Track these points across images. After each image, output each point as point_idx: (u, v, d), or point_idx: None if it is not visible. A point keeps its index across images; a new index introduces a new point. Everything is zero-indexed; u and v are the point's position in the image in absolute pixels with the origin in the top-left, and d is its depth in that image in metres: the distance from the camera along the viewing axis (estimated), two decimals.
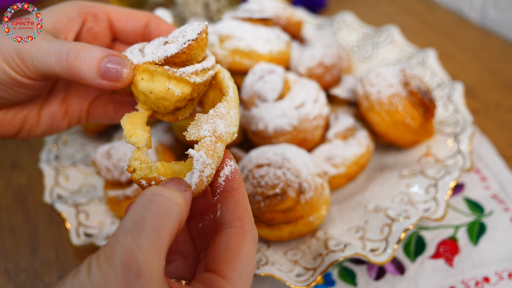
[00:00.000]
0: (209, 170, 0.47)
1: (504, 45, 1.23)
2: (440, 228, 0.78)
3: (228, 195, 0.47)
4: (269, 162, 0.72)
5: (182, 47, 0.51)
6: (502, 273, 0.72)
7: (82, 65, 0.52)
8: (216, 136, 0.49)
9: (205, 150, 0.47)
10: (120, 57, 0.53)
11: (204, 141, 0.48)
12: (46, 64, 0.54)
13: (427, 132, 0.86)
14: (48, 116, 0.65)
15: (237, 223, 0.45)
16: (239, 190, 0.48)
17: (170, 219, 0.39)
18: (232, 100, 0.52)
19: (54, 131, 0.66)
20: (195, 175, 0.47)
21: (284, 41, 0.87)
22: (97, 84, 0.54)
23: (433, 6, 1.46)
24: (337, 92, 0.95)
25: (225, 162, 0.50)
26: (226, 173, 0.49)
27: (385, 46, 1.12)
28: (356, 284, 0.73)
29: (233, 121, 0.51)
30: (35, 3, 1.59)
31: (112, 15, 0.62)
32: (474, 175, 0.87)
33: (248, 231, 0.45)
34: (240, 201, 0.47)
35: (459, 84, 0.96)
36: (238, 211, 0.46)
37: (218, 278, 0.41)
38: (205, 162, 0.47)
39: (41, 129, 0.65)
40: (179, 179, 0.45)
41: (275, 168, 0.71)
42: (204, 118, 0.49)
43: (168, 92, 0.53)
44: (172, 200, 0.40)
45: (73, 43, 0.54)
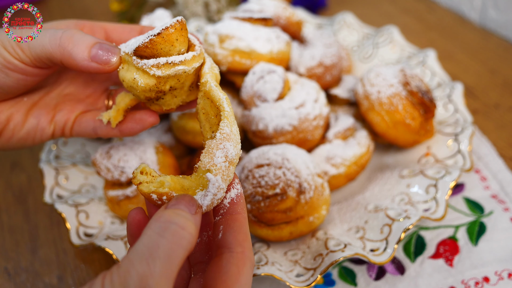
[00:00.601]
0: (221, 193, 0.49)
1: (504, 45, 1.23)
2: (440, 228, 0.78)
3: (231, 218, 0.49)
4: (269, 162, 0.72)
5: (144, 41, 0.54)
6: (502, 273, 0.72)
7: (75, 46, 0.55)
8: (228, 160, 0.51)
9: (221, 175, 0.49)
10: (110, 45, 0.57)
11: (220, 166, 0.50)
12: (40, 44, 0.56)
13: (427, 132, 0.86)
14: (34, 118, 0.66)
15: (238, 249, 0.46)
16: (242, 215, 0.50)
17: (182, 248, 0.40)
18: (230, 115, 0.53)
19: (38, 137, 0.67)
20: (208, 197, 0.49)
21: (284, 41, 0.87)
22: (86, 66, 0.56)
23: (433, 6, 1.46)
24: (337, 92, 0.95)
25: (233, 185, 0.52)
26: (232, 195, 0.51)
27: (385, 46, 1.12)
28: (356, 284, 0.73)
29: (237, 138, 0.53)
30: (35, 3, 1.59)
31: (108, 27, 0.66)
32: (474, 175, 0.87)
33: (248, 257, 0.46)
34: (243, 227, 0.48)
35: (459, 84, 0.96)
36: (240, 237, 0.47)
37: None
38: (220, 186, 0.49)
39: (24, 130, 0.66)
40: (191, 199, 0.46)
41: (275, 168, 0.71)
42: (214, 145, 0.51)
43: (134, 82, 0.56)
44: (185, 230, 0.41)
45: (68, 29, 0.57)
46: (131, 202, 0.76)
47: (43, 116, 0.67)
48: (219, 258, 0.46)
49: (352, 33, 1.19)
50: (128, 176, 0.76)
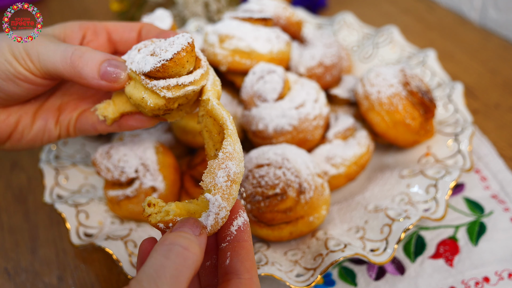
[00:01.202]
0: (224, 212, 0.50)
1: (504, 45, 1.23)
2: (440, 228, 0.78)
3: (239, 245, 0.50)
4: (269, 162, 0.72)
5: (156, 66, 0.54)
6: (502, 273, 0.72)
7: (84, 65, 0.57)
8: (230, 180, 0.51)
9: (221, 194, 0.50)
10: (119, 61, 0.58)
11: (220, 186, 0.51)
12: (51, 62, 0.57)
13: (427, 132, 0.85)
14: (42, 120, 0.68)
15: (246, 275, 0.47)
16: (248, 243, 0.51)
17: (187, 268, 0.42)
18: (233, 133, 0.54)
19: (46, 138, 0.69)
20: (210, 217, 0.49)
21: (284, 41, 0.87)
22: (96, 84, 0.58)
23: (433, 6, 1.46)
24: (337, 92, 0.95)
25: (239, 213, 0.53)
26: (239, 223, 0.52)
27: (385, 46, 1.12)
28: (356, 284, 0.73)
29: (240, 156, 0.53)
30: (35, 3, 1.59)
31: (109, 27, 0.67)
32: (474, 175, 0.87)
33: (255, 284, 0.47)
34: (250, 254, 0.50)
35: (459, 84, 0.96)
36: (247, 264, 0.49)
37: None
38: (220, 205, 0.50)
39: (33, 132, 0.67)
40: (195, 222, 0.48)
41: (275, 168, 0.71)
42: (216, 165, 0.52)
43: (143, 100, 0.57)
44: (189, 250, 0.43)
45: (79, 46, 0.58)
46: (131, 202, 0.76)
47: (49, 118, 0.68)
48: (227, 284, 0.47)
49: (352, 33, 1.19)
50: (128, 176, 0.76)
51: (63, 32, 0.64)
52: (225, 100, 0.88)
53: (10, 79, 0.59)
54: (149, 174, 0.77)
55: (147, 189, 0.77)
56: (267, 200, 0.70)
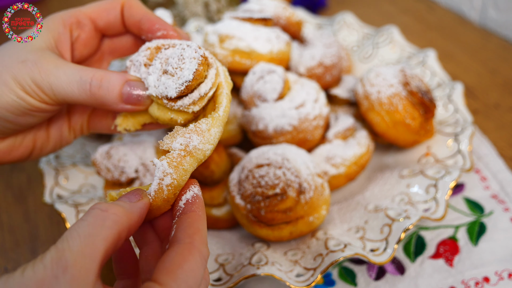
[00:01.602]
0: (169, 179, 0.49)
1: (504, 45, 1.23)
2: (440, 228, 0.78)
3: (184, 216, 0.49)
4: (269, 162, 0.72)
5: (180, 89, 0.53)
6: (502, 273, 0.71)
7: (106, 94, 0.56)
8: (187, 150, 0.50)
9: (169, 161, 0.50)
10: (138, 81, 0.57)
11: (172, 153, 0.50)
12: (67, 94, 0.56)
13: (427, 132, 0.85)
14: (56, 130, 0.67)
15: (186, 240, 0.46)
16: (195, 213, 0.50)
17: (105, 228, 0.41)
18: (218, 119, 0.53)
19: (64, 144, 0.69)
20: (154, 182, 0.49)
21: (284, 41, 0.87)
22: (120, 109, 0.57)
23: (433, 6, 1.46)
24: (337, 92, 0.95)
25: (190, 187, 0.52)
26: (188, 197, 0.51)
27: (385, 46, 1.12)
28: (356, 284, 0.73)
29: (211, 139, 0.52)
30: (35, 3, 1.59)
31: (92, 14, 0.64)
32: (474, 175, 0.87)
33: (196, 248, 0.46)
34: (195, 222, 0.48)
35: (459, 84, 0.95)
36: (190, 230, 0.47)
37: (155, 285, 0.42)
38: (165, 171, 0.49)
39: (51, 144, 0.67)
40: (135, 191, 0.48)
41: (275, 168, 0.71)
42: (181, 132, 0.52)
43: (173, 120, 0.57)
44: (107, 211, 0.43)
45: (92, 72, 0.56)
46: None
47: (62, 126, 0.68)
48: (167, 251, 0.46)
49: (352, 33, 1.19)
50: (128, 176, 0.76)
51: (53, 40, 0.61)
52: None
53: (26, 114, 0.58)
54: (149, 174, 0.77)
55: None
56: (267, 200, 0.70)
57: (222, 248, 0.76)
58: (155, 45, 0.59)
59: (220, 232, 0.81)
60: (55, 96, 0.56)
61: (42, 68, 0.55)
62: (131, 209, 0.46)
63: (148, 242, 0.52)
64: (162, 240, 0.53)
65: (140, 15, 0.63)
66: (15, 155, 0.64)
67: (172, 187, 0.50)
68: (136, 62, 0.59)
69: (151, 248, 0.52)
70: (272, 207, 0.70)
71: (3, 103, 0.55)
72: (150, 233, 0.53)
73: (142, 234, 0.53)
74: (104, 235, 0.41)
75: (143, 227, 0.53)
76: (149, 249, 0.52)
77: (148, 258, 0.51)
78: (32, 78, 0.55)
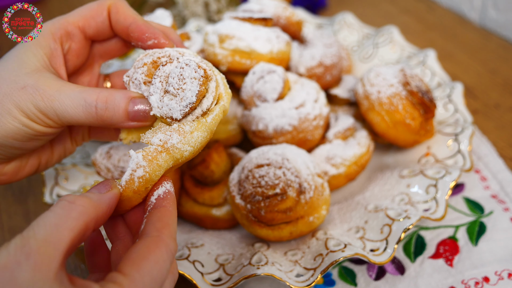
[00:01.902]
0: (141, 171, 0.50)
1: (504, 45, 1.23)
2: (440, 228, 0.78)
3: (155, 211, 0.50)
4: (269, 162, 0.72)
5: (185, 111, 0.53)
6: (502, 273, 0.71)
7: (113, 114, 0.55)
8: (164, 147, 0.51)
9: (144, 154, 0.51)
10: (141, 97, 0.57)
11: (149, 147, 0.51)
12: (73, 117, 0.56)
13: (427, 132, 0.85)
14: (60, 145, 0.68)
15: (154, 233, 0.46)
16: (166, 208, 0.50)
17: (70, 218, 0.42)
18: (204, 124, 0.54)
19: (68, 155, 0.70)
20: (127, 173, 0.50)
21: (284, 41, 0.87)
22: (127, 126, 0.57)
23: (433, 6, 1.46)
24: (337, 92, 0.95)
25: (163, 183, 0.52)
26: (160, 192, 0.52)
27: (385, 46, 1.12)
28: (356, 284, 0.73)
29: (192, 142, 0.53)
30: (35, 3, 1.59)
31: (80, 23, 0.63)
32: (474, 175, 0.87)
33: (163, 241, 0.46)
34: (164, 217, 0.49)
35: (459, 84, 0.95)
36: (159, 224, 0.48)
37: (119, 275, 0.42)
38: (139, 163, 0.50)
39: (55, 158, 0.68)
40: (105, 182, 0.49)
41: (275, 168, 0.71)
42: (164, 129, 0.53)
43: None
44: (74, 203, 0.43)
45: (95, 92, 0.56)
46: None
47: (64, 140, 0.68)
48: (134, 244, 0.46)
49: (352, 33, 1.19)
50: None
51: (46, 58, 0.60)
52: None
53: (31, 139, 0.58)
54: None
55: None
56: (267, 200, 0.70)
57: (222, 248, 0.76)
58: (151, 59, 0.59)
59: (220, 232, 0.81)
60: (60, 121, 0.56)
61: (45, 94, 0.55)
62: (99, 200, 0.46)
63: (120, 237, 0.53)
64: (134, 235, 0.53)
65: (127, 21, 0.62)
66: (22, 175, 0.65)
67: (143, 179, 0.50)
68: (135, 80, 0.58)
69: (122, 242, 0.52)
70: (272, 207, 0.70)
71: (8, 132, 0.55)
72: (122, 227, 0.54)
73: (114, 229, 0.53)
74: (70, 225, 0.42)
75: (115, 222, 0.54)
76: (120, 243, 0.52)
77: (119, 252, 0.51)
78: (35, 105, 0.55)
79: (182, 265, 0.69)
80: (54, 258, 0.39)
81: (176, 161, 0.53)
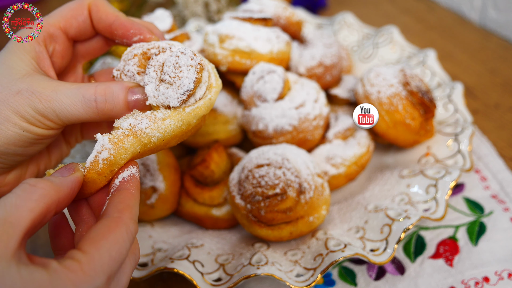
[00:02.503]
0: (106, 153, 0.51)
1: (504, 45, 1.23)
2: (440, 228, 0.78)
3: (117, 193, 0.50)
4: (269, 162, 0.72)
5: (183, 98, 0.54)
6: (502, 273, 0.71)
7: (113, 107, 0.55)
8: (132, 131, 0.52)
9: (110, 137, 0.51)
10: (137, 86, 0.57)
11: (116, 131, 0.52)
12: (73, 115, 0.55)
13: (427, 132, 0.85)
14: (56, 150, 0.68)
15: (115, 214, 0.47)
16: (129, 191, 0.51)
17: (31, 200, 0.43)
18: (180, 113, 0.54)
19: (64, 157, 0.70)
20: (92, 154, 0.51)
21: (284, 40, 0.87)
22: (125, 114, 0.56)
23: (433, 6, 1.46)
24: (337, 92, 0.95)
25: (128, 167, 0.53)
26: (124, 176, 0.52)
27: (385, 46, 1.12)
28: (356, 284, 0.73)
29: (163, 128, 0.53)
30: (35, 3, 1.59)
31: (61, 24, 0.62)
32: (474, 175, 0.87)
33: (123, 222, 0.47)
34: (126, 199, 0.50)
35: (459, 84, 0.95)
36: (120, 206, 0.48)
37: (78, 252, 0.43)
38: (104, 145, 0.51)
39: (53, 163, 0.68)
40: (68, 165, 0.50)
41: (275, 168, 0.71)
42: (136, 114, 0.54)
43: None
44: (35, 186, 0.44)
45: (92, 87, 0.55)
46: None
47: (60, 144, 0.68)
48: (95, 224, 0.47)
49: (352, 33, 1.19)
50: None
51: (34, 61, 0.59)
52: (225, 100, 0.88)
53: (33, 144, 0.57)
54: (149, 174, 0.77)
55: (147, 189, 0.77)
56: (267, 200, 0.70)
57: (222, 248, 0.76)
58: (141, 51, 0.59)
59: (220, 232, 0.81)
60: (61, 121, 0.56)
61: (42, 96, 0.54)
62: (61, 183, 0.47)
63: (83, 219, 0.53)
64: (97, 217, 0.54)
65: (110, 19, 0.61)
66: None
67: (107, 161, 0.51)
68: (128, 72, 0.58)
69: (86, 224, 0.53)
70: (272, 207, 0.70)
71: (10, 139, 0.55)
72: (85, 210, 0.54)
73: (78, 211, 0.54)
74: (30, 206, 0.42)
75: (79, 205, 0.54)
76: (84, 225, 0.53)
77: (83, 234, 0.51)
78: (34, 108, 0.54)
79: (182, 265, 0.69)
80: (12, 237, 0.40)
81: (144, 146, 0.53)
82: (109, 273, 0.44)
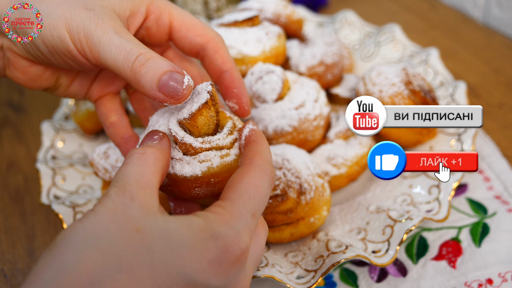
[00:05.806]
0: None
1: (508, 43, 1.23)
2: (443, 229, 0.78)
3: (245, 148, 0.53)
4: None
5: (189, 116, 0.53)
6: (505, 275, 0.71)
7: (146, 73, 0.52)
8: None
9: None
10: (183, 75, 0.53)
11: None
12: (111, 58, 0.53)
13: (430, 132, 0.85)
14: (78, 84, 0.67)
15: (246, 162, 0.49)
16: (256, 142, 0.52)
17: (150, 165, 0.45)
18: None
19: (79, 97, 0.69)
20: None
21: (275, 35, 0.86)
22: (153, 95, 0.53)
23: (435, 4, 1.45)
24: (338, 91, 0.94)
25: (245, 125, 0.55)
26: (246, 133, 0.54)
27: (387, 45, 1.11)
28: (358, 286, 0.72)
29: None
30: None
31: (174, 23, 0.61)
32: (477, 175, 0.86)
33: (255, 165, 0.48)
34: (253, 148, 0.51)
35: (462, 83, 0.95)
36: (250, 154, 0.50)
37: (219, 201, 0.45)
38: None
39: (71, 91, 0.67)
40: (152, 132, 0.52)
41: (275, 168, 0.70)
42: None
43: None
44: (145, 153, 0.46)
45: (145, 49, 0.53)
46: None
47: (83, 84, 0.66)
48: None
49: (354, 32, 1.18)
50: None
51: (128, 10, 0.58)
52: None
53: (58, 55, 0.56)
54: None
55: None
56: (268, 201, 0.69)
57: None
58: None
59: None
60: (98, 55, 0.53)
61: (103, 25, 0.52)
62: (162, 147, 0.49)
63: None
64: None
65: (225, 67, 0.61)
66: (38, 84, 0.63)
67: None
68: None
69: None
70: (273, 209, 0.69)
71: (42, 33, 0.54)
72: None
73: None
74: (151, 170, 0.45)
75: None
76: None
77: None
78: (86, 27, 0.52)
79: None
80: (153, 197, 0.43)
81: None
82: (253, 211, 0.46)
